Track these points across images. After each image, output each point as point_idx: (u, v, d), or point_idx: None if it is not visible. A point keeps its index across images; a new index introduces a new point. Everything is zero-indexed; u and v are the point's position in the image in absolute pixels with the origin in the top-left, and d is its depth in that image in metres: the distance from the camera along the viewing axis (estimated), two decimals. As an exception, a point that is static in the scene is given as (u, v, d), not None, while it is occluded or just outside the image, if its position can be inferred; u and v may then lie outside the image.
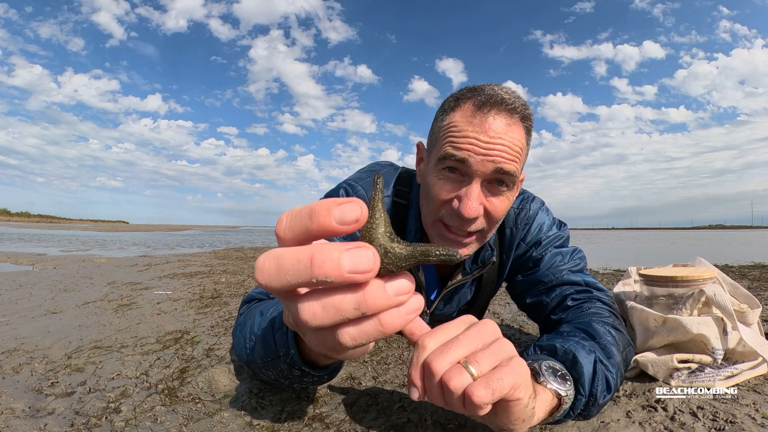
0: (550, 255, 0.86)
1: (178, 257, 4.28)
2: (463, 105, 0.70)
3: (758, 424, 0.61)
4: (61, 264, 3.32)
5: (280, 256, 0.26)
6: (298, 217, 0.26)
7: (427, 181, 0.74)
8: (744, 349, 0.79)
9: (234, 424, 0.65)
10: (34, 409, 0.70)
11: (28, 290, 1.99)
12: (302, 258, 0.25)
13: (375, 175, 0.30)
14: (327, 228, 0.25)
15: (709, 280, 0.85)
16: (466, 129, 0.67)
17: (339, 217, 0.25)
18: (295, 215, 0.26)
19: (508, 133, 0.67)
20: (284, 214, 0.27)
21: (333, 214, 0.25)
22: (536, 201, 0.92)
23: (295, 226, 0.26)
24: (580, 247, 0.89)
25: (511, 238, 0.90)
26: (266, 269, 0.26)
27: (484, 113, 0.67)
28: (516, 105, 0.69)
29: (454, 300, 0.97)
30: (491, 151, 0.66)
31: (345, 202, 0.25)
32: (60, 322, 1.34)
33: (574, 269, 0.84)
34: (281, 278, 0.26)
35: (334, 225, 0.25)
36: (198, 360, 0.96)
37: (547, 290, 0.84)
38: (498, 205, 0.71)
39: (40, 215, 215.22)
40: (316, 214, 0.25)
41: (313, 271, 0.25)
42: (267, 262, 0.26)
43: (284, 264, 0.26)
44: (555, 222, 0.92)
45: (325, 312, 0.27)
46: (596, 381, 0.55)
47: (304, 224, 0.26)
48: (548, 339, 0.62)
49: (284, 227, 0.27)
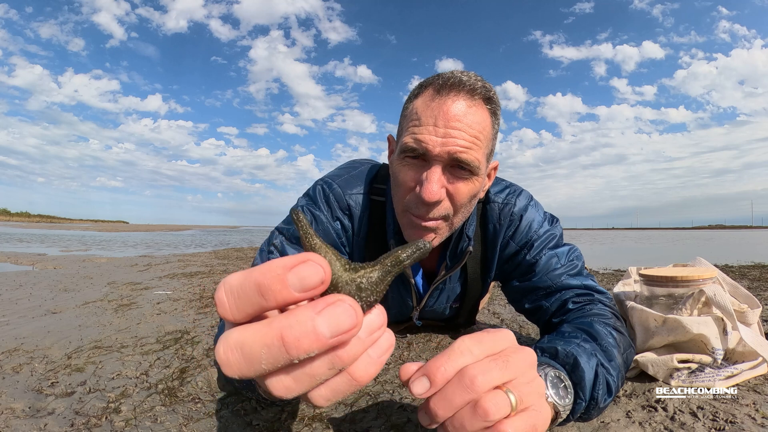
0: (545, 258, 0.83)
1: (178, 257, 4.28)
2: (424, 91, 0.70)
3: (758, 424, 0.61)
4: (61, 264, 3.32)
5: (242, 344, 0.21)
6: (245, 296, 0.21)
7: (393, 170, 0.74)
8: (744, 349, 0.79)
9: (234, 424, 0.65)
10: (34, 409, 0.70)
11: (28, 290, 1.99)
12: (271, 342, 0.21)
13: (292, 212, 0.25)
14: (288, 301, 0.21)
15: (709, 280, 0.85)
16: (425, 115, 0.67)
17: (299, 285, 0.21)
18: (238, 293, 0.21)
19: (467, 115, 0.66)
20: (221, 290, 0.22)
21: (290, 284, 0.20)
22: (523, 196, 0.89)
23: (245, 307, 0.21)
24: (575, 246, 0.87)
25: (494, 234, 0.88)
26: (233, 363, 0.22)
27: (443, 96, 0.66)
28: (476, 86, 0.67)
29: (443, 295, 0.96)
30: (448, 138, 0.65)
31: (298, 264, 0.21)
32: (60, 322, 1.34)
33: (572, 272, 0.82)
34: (255, 368, 0.21)
35: (295, 296, 0.21)
36: (198, 360, 0.96)
37: (546, 295, 0.82)
38: (462, 189, 0.69)
39: (40, 215, 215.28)
40: (267, 290, 0.21)
41: (290, 353, 0.21)
42: (230, 354, 0.22)
43: (252, 353, 0.21)
44: (546, 217, 0.89)
45: (298, 384, 0.23)
46: (597, 385, 0.54)
47: (256, 303, 0.21)
48: (549, 341, 0.61)
49: (229, 310, 0.22)
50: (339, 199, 0.84)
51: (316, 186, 0.87)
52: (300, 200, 0.88)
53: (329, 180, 0.87)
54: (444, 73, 0.71)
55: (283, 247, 0.78)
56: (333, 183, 0.86)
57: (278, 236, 0.82)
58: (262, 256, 0.79)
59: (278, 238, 0.81)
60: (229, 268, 3.12)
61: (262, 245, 0.82)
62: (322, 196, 0.85)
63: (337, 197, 0.84)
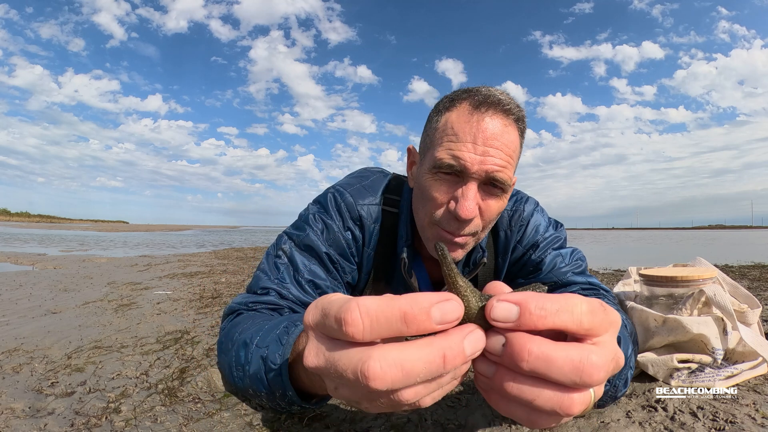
0: (550, 257, 0.84)
1: (178, 257, 4.28)
2: (459, 105, 0.70)
3: (758, 424, 0.61)
4: (61, 264, 3.32)
5: (404, 361, 0.24)
6: (386, 322, 0.24)
7: (421, 183, 0.74)
8: (744, 349, 0.79)
9: (234, 424, 0.65)
10: (34, 409, 0.70)
11: (28, 290, 1.99)
12: (434, 360, 0.24)
13: (437, 247, 0.28)
14: (426, 331, 0.24)
15: (709, 280, 0.85)
16: (462, 131, 0.67)
17: (440, 319, 0.24)
18: (377, 318, 0.24)
19: (504, 135, 0.67)
20: (355, 311, 0.24)
21: (433, 317, 0.24)
22: (530, 202, 0.90)
23: (382, 331, 0.24)
24: (578, 248, 0.89)
25: (506, 241, 0.88)
26: (389, 377, 0.24)
27: (481, 113, 0.67)
28: (512, 107, 0.69)
29: None
30: (487, 156, 0.65)
31: (443, 300, 0.24)
32: (60, 322, 1.34)
33: (576, 271, 0.83)
34: (410, 382, 0.24)
35: (434, 327, 0.24)
36: (198, 360, 0.96)
37: (551, 290, 0.83)
38: (492, 206, 0.70)
39: (40, 215, 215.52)
40: (413, 320, 0.24)
41: (446, 368, 0.24)
42: (390, 370, 0.24)
43: (413, 369, 0.24)
44: (551, 223, 0.91)
45: (426, 389, 0.26)
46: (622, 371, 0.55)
47: (396, 329, 0.24)
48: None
49: (363, 330, 0.24)
50: (350, 209, 0.84)
51: (327, 194, 0.86)
52: (311, 207, 0.88)
53: (341, 189, 0.86)
54: (479, 89, 0.71)
55: (292, 253, 0.78)
56: (345, 192, 0.85)
57: (287, 241, 0.81)
58: (269, 260, 0.79)
59: (287, 243, 0.81)
60: (229, 268, 3.12)
61: (269, 249, 0.82)
62: (334, 204, 0.84)
63: (349, 207, 0.84)
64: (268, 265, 0.78)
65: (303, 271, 0.75)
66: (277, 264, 0.77)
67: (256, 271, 0.77)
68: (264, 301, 0.67)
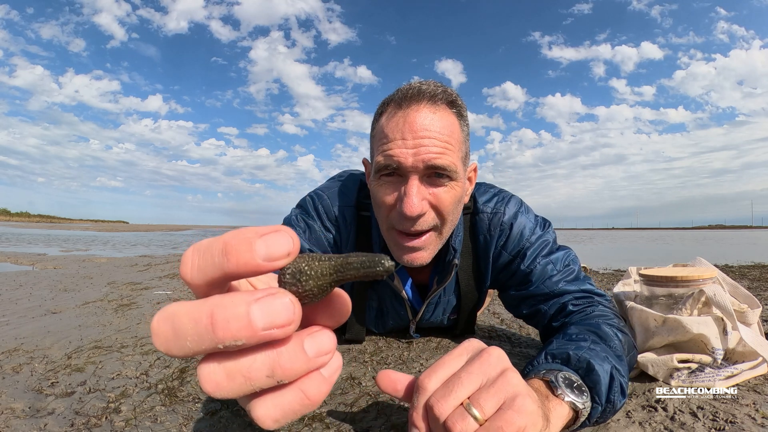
0: (540, 267, 0.82)
1: (178, 257, 4.28)
2: (386, 109, 0.71)
3: (758, 424, 0.61)
4: (61, 264, 3.32)
5: (174, 315, 0.20)
6: (209, 255, 0.20)
7: (372, 191, 0.74)
8: (744, 349, 0.79)
9: (234, 424, 0.65)
10: (34, 409, 0.70)
11: (28, 290, 1.99)
12: (200, 317, 0.19)
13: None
14: (250, 267, 0.19)
15: (709, 280, 0.85)
16: (391, 131, 0.67)
17: (265, 252, 0.19)
18: (203, 252, 0.20)
19: (434, 122, 0.66)
20: (189, 249, 0.21)
21: (256, 249, 0.19)
22: (512, 203, 0.87)
23: (206, 267, 0.20)
24: (570, 249, 0.86)
25: (485, 245, 0.87)
26: (162, 333, 0.20)
27: (405, 109, 0.67)
28: (437, 92, 0.67)
29: (438, 308, 0.96)
30: (419, 147, 0.65)
31: (269, 232, 0.20)
32: (60, 322, 1.34)
33: (568, 279, 0.81)
34: (181, 345, 0.20)
35: (259, 263, 0.19)
36: (198, 360, 0.96)
37: (544, 300, 0.82)
38: (443, 197, 0.69)
39: (40, 215, 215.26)
40: (233, 250, 0.19)
41: (217, 334, 0.19)
42: (162, 324, 0.20)
43: (180, 326, 0.20)
44: (538, 223, 0.88)
45: (230, 381, 0.20)
46: (613, 388, 0.53)
47: (218, 264, 0.19)
48: (559, 346, 0.59)
49: (191, 268, 0.20)
50: (327, 211, 0.85)
51: (307, 197, 0.89)
52: (293, 211, 0.89)
53: (320, 192, 0.88)
54: (402, 87, 0.71)
55: None
56: (323, 195, 0.87)
57: None
58: None
59: None
60: (229, 268, 3.12)
61: None
62: (312, 207, 0.86)
63: (326, 209, 0.85)
64: None
65: None
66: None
67: None
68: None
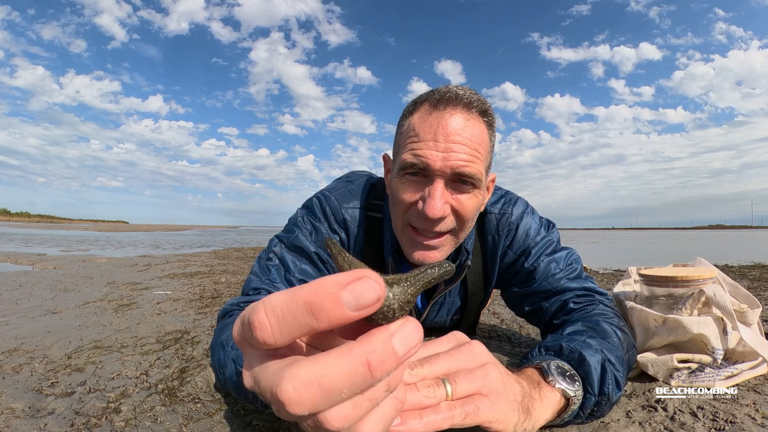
0: (543, 264, 0.83)
1: (178, 257, 4.28)
2: (420, 107, 0.70)
3: (758, 424, 0.61)
4: (61, 264, 3.32)
5: (321, 377, 0.19)
6: (291, 317, 0.19)
7: (392, 187, 0.74)
8: (744, 349, 0.79)
9: (234, 424, 0.65)
10: (34, 409, 0.70)
11: (28, 290, 1.99)
12: (356, 370, 0.19)
13: (326, 240, 0.24)
14: (342, 321, 0.19)
15: (709, 280, 0.85)
16: (423, 130, 0.66)
17: (354, 305, 0.19)
18: (283, 314, 0.19)
19: (466, 129, 0.66)
20: (261, 311, 0.20)
21: (345, 303, 0.19)
22: (519, 204, 0.88)
23: (291, 330, 0.20)
24: (573, 249, 0.87)
25: (494, 246, 0.87)
26: (308, 399, 0.19)
27: (440, 111, 0.66)
28: (472, 100, 0.67)
29: (443, 309, 0.96)
30: (450, 153, 0.65)
31: (352, 281, 0.19)
32: (60, 322, 1.34)
33: (571, 276, 0.82)
34: (334, 400, 0.20)
35: (351, 314, 0.19)
36: (198, 360, 0.96)
37: (545, 297, 0.82)
38: (466, 203, 0.69)
39: (41, 215, 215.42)
40: (320, 310, 0.19)
41: (375, 376, 0.20)
42: (307, 390, 0.19)
43: (333, 385, 0.19)
44: (542, 224, 0.89)
45: (357, 410, 0.21)
46: (606, 379, 0.53)
47: (306, 325, 0.19)
48: (553, 339, 0.61)
49: (272, 333, 0.20)
50: (335, 212, 0.84)
51: (314, 198, 0.87)
52: (299, 211, 0.88)
53: (327, 193, 0.87)
54: (439, 88, 0.70)
55: (282, 255, 0.78)
56: (330, 196, 0.86)
57: (278, 244, 0.81)
58: (260, 263, 0.79)
59: (278, 246, 0.81)
60: (228, 268, 3.12)
61: (261, 254, 0.82)
62: (319, 208, 0.85)
63: (333, 210, 0.84)
64: (259, 268, 0.79)
65: (294, 270, 0.76)
66: (268, 266, 0.78)
67: (249, 275, 0.78)
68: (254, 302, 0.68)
